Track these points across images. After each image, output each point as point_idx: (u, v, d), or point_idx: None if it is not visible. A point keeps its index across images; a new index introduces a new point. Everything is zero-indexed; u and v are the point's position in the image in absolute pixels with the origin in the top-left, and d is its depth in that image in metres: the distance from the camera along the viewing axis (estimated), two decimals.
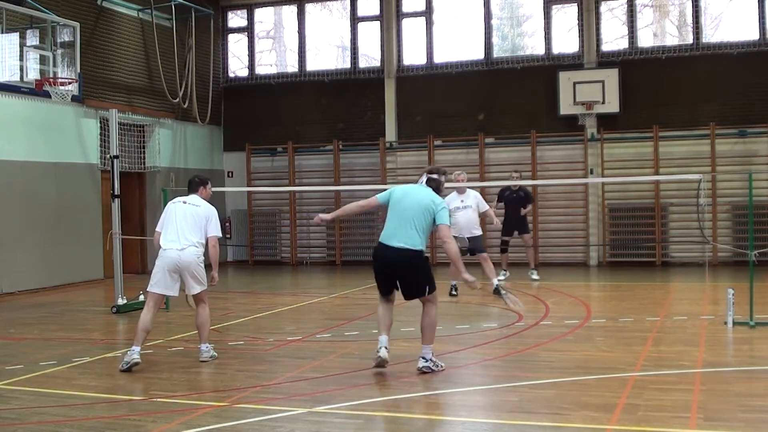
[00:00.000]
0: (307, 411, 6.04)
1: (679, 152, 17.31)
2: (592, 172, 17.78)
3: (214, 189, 8.59)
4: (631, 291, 13.71)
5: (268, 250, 20.50)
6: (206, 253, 8.01)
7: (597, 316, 10.53)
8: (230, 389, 6.91)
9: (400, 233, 7.13)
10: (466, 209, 12.55)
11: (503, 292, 9.66)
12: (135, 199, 17.74)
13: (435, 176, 7.44)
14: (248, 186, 19.95)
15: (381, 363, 7.09)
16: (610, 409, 5.91)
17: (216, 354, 8.06)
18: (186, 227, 7.88)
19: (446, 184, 13.04)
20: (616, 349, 8.30)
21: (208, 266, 8.05)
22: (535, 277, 14.97)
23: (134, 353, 7.59)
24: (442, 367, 7.21)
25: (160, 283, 7.86)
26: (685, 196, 16.85)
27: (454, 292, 12.77)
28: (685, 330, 9.33)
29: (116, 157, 12.04)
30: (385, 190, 7.55)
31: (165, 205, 12.50)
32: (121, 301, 11.71)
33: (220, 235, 8.07)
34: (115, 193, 11.87)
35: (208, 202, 8.24)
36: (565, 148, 18.22)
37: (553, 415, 5.82)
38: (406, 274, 7.19)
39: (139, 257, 17.53)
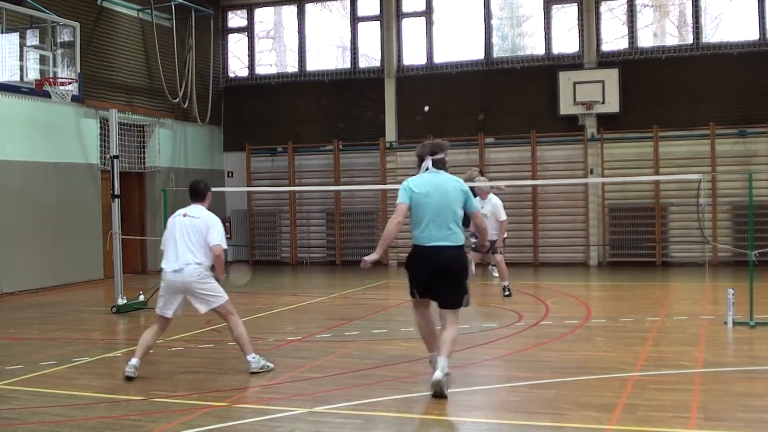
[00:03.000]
0: (307, 411, 6.04)
1: (679, 152, 17.31)
2: (592, 172, 17.78)
3: (214, 189, 8.37)
4: (631, 291, 13.71)
5: (268, 250, 20.50)
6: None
7: (597, 316, 10.53)
8: (230, 389, 6.91)
9: (445, 231, 6.56)
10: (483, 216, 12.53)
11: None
12: (135, 199, 17.74)
13: (441, 156, 6.79)
14: (248, 186, 19.95)
15: (437, 390, 6.31)
16: (610, 409, 5.90)
17: (269, 364, 7.48)
18: (184, 244, 7.36)
19: (471, 183, 13.10)
20: (616, 349, 8.30)
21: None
22: (496, 274, 14.63)
23: (129, 365, 7.26)
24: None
25: (165, 305, 7.45)
26: (685, 196, 16.85)
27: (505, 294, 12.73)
28: (685, 330, 9.33)
29: (116, 157, 12.04)
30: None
31: (165, 205, 12.62)
32: (121, 301, 11.70)
33: (224, 244, 7.45)
34: (115, 193, 11.87)
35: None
36: (565, 148, 18.22)
37: (553, 415, 5.82)
38: (451, 277, 6.61)
39: (139, 257, 17.54)
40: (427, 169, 6.76)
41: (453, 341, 6.57)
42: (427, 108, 17.25)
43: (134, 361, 7.28)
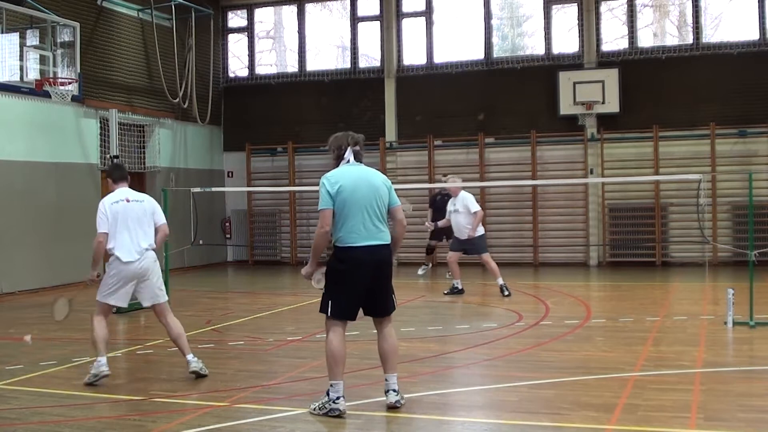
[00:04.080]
0: (307, 411, 6.04)
1: (679, 152, 17.31)
2: (592, 172, 17.77)
3: (214, 189, 8.41)
4: (631, 291, 13.71)
5: (268, 250, 20.50)
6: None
7: (597, 316, 10.53)
8: (230, 389, 6.91)
9: (373, 228, 6.03)
10: (456, 213, 12.67)
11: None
12: None
13: (359, 148, 6.32)
14: (248, 186, 19.95)
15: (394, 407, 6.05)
16: (610, 409, 5.90)
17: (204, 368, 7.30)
18: (140, 231, 7.30)
19: (444, 185, 13.20)
20: (616, 349, 8.29)
21: None
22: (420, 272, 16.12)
23: (102, 365, 7.05)
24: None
25: (117, 294, 7.32)
26: (685, 196, 16.85)
27: (446, 291, 12.96)
28: (685, 330, 9.33)
29: (116, 157, 12.06)
30: None
31: (165, 205, 12.56)
32: None
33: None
34: None
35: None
36: (565, 148, 18.22)
37: (553, 415, 5.82)
38: (388, 279, 6.16)
39: None
40: (348, 161, 6.22)
41: (398, 351, 6.22)
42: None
43: (104, 359, 7.11)
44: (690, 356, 7.83)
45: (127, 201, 7.40)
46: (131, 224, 7.31)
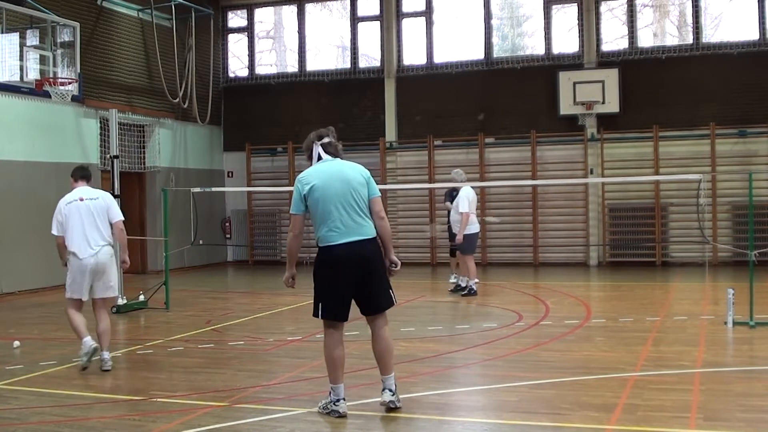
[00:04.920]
0: (307, 411, 6.04)
1: (679, 152, 17.31)
2: (592, 172, 17.77)
3: (214, 189, 8.52)
4: (631, 291, 13.71)
5: (268, 250, 20.50)
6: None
7: (597, 316, 10.53)
8: (230, 389, 6.91)
9: (352, 224, 5.88)
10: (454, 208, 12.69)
11: None
12: (135, 199, 17.74)
13: (330, 139, 6.07)
14: (248, 186, 19.95)
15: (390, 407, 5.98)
16: (610, 409, 5.90)
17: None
18: (93, 227, 7.64)
19: (451, 184, 13.14)
20: (616, 349, 8.29)
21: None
22: (453, 280, 13.71)
23: (87, 341, 7.44)
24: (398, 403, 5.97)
25: (80, 288, 7.65)
26: (685, 196, 16.84)
27: (451, 289, 12.96)
28: (685, 330, 9.33)
29: (116, 157, 12.06)
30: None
31: (165, 205, 12.61)
32: (121, 301, 11.70)
33: (123, 217, 7.94)
34: (115, 193, 11.87)
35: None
36: (565, 148, 18.22)
37: (553, 415, 5.82)
38: (378, 273, 5.96)
39: (139, 257, 17.52)
40: (319, 158, 6.03)
41: (393, 351, 6.07)
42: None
43: (87, 337, 7.48)
44: (690, 356, 7.82)
45: (81, 200, 7.75)
46: (83, 222, 7.65)
